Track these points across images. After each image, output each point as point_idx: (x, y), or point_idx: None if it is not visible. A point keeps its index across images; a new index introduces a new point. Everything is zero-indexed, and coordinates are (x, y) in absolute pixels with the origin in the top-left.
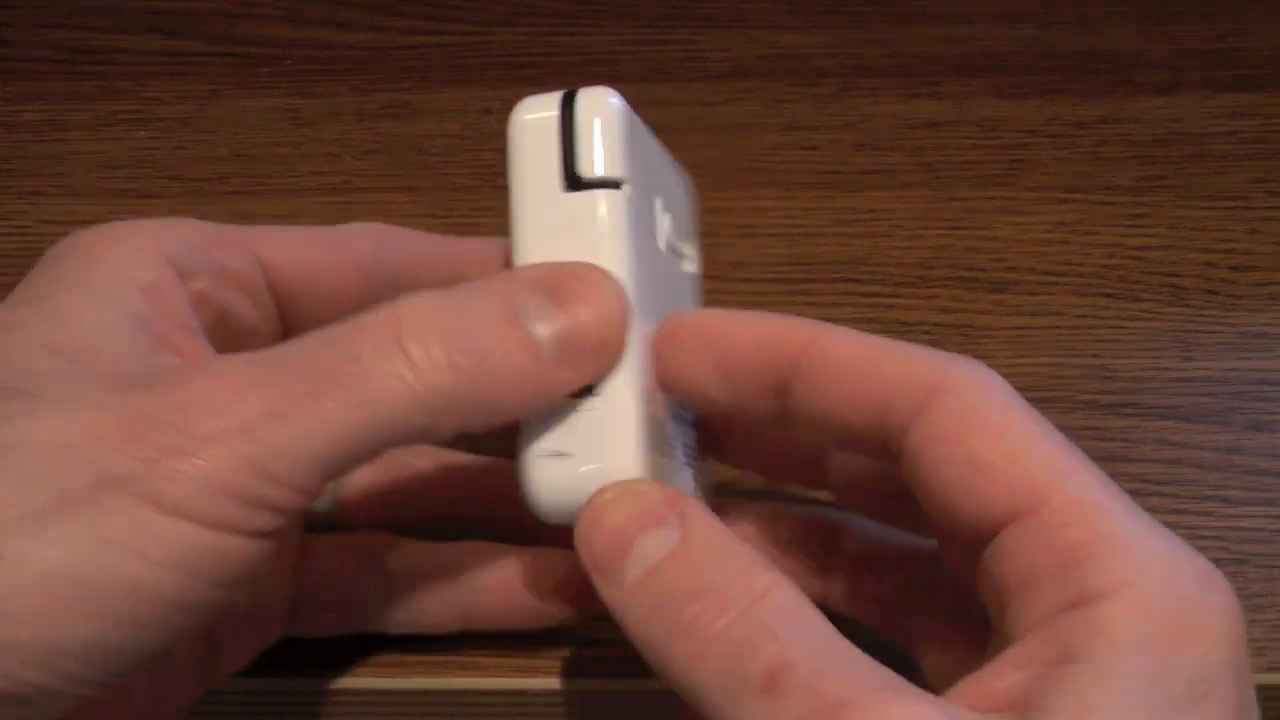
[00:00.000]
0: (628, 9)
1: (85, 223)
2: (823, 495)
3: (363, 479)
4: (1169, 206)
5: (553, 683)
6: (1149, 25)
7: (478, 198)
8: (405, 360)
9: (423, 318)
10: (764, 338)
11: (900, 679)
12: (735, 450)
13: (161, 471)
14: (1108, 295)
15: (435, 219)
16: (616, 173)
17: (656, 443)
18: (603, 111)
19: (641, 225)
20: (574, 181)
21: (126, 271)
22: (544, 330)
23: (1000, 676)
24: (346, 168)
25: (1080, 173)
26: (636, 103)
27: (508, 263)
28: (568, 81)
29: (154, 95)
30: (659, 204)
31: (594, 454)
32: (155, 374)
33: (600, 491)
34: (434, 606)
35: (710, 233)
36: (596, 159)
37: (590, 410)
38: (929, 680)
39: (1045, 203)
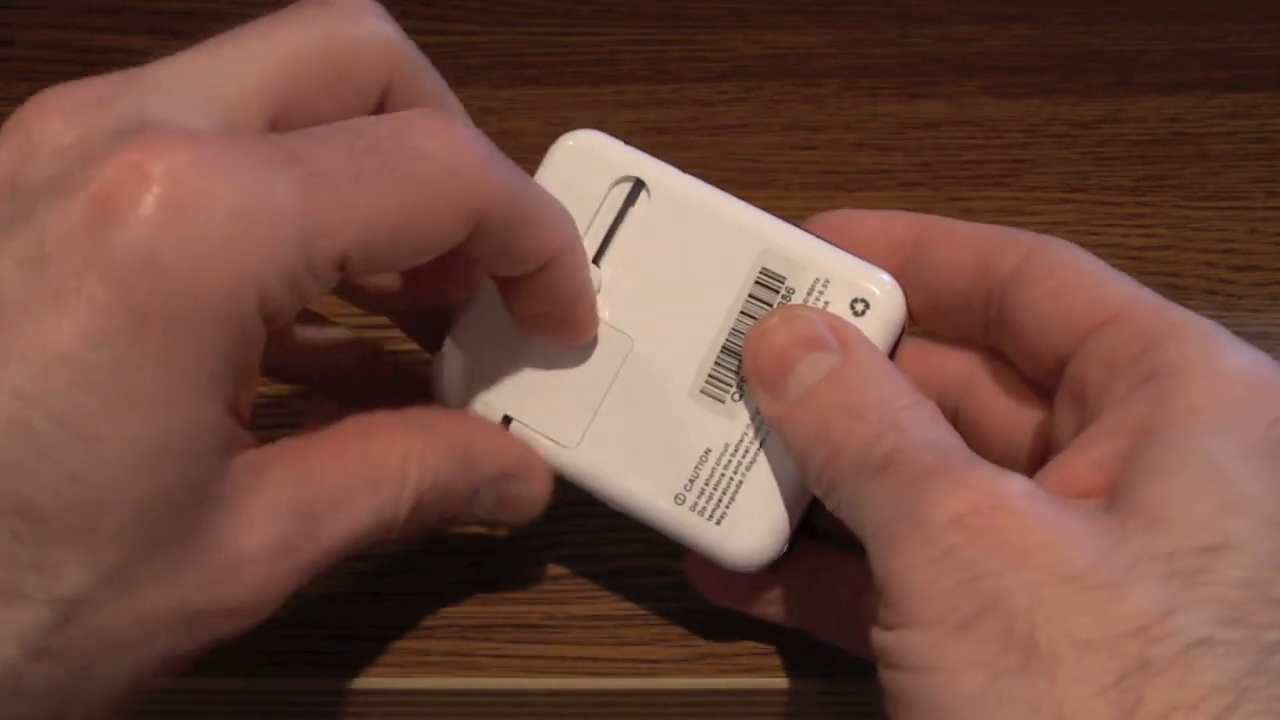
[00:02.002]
0: (628, 9)
1: None
2: None
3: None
4: (1169, 206)
5: (553, 683)
6: (1149, 25)
7: None
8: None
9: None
10: (889, 224)
11: (994, 466)
12: None
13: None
14: None
15: None
16: None
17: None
18: None
19: None
20: None
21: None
22: None
23: (1081, 458)
24: None
25: (1080, 173)
26: (636, 103)
27: None
28: (568, 81)
29: None
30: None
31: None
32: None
33: (770, 314)
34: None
35: None
36: None
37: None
38: None
39: (1045, 203)
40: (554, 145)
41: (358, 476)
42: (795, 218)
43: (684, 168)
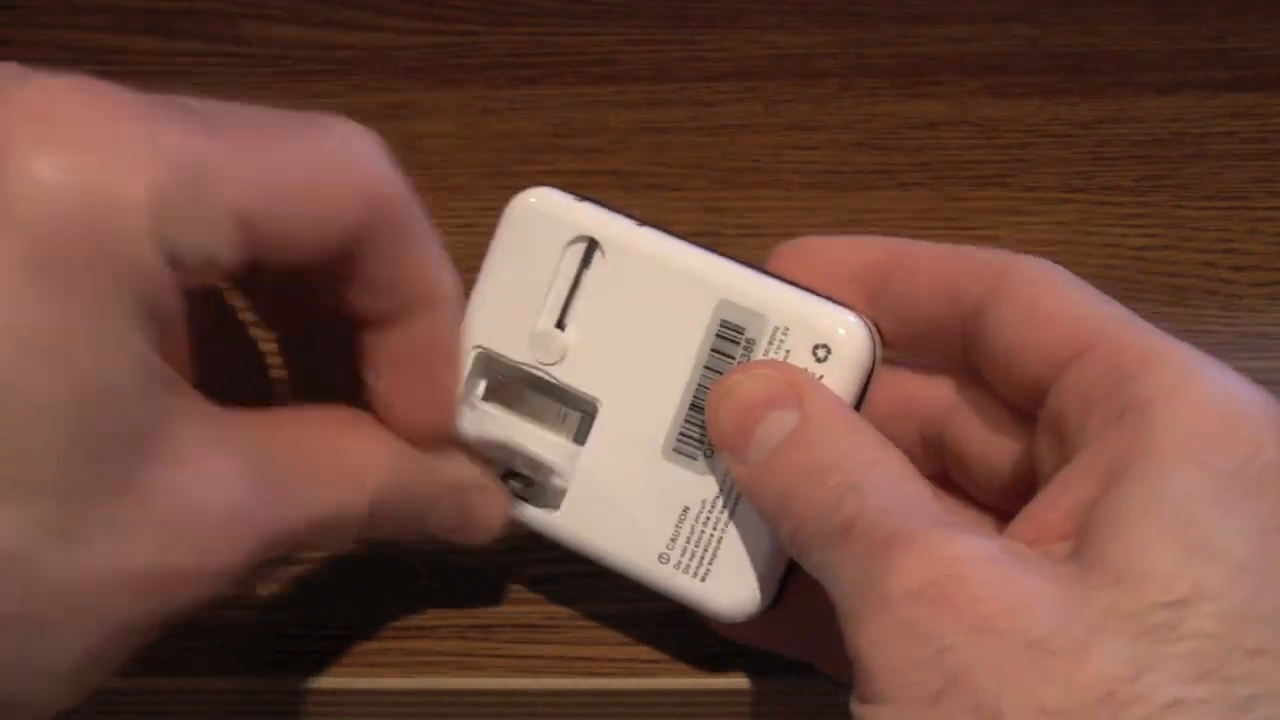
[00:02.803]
0: (628, 9)
1: None
2: None
3: None
4: (1169, 206)
5: (553, 683)
6: (1149, 25)
7: (478, 198)
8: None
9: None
10: (858, 251)
11: (965, 522)
12: None
13: None
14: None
15: (435, 219)
16: None
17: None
18: None
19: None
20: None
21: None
22: None
23: (1055, 504)
24: None
25: (1080, 173)
26: (636, 103)
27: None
28: (568, 81)
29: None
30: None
31: None
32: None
33: (729, 374)
34: None
35: (710, 233)
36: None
37: None
38: None
39: (1045, 203)
40: (506, 208)
41: (326, 461)
42: (795, 218)
43: (640, 216)
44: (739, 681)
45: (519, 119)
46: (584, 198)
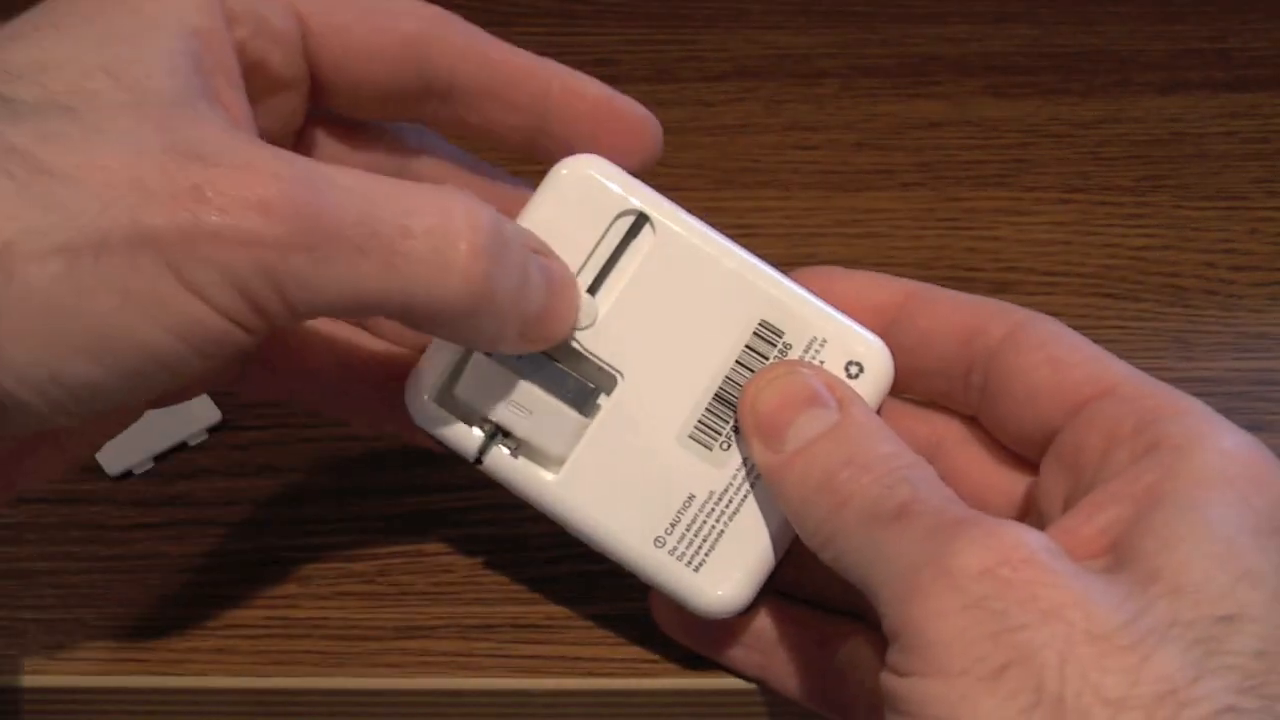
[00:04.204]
0: (628, 9)
1: None
2: None
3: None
4: (1169, 206)
5: (553, 683)
6: (1149, 25)
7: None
8: (457, 260)
9: (481, 232)
10: (875, 287)
11: (1016, 523)
12: None
13: (194, 249)
14: (1108, 295)
15: None
16: None
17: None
18: None
19: None
20: None
21: (181, 6)
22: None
23: (1088, 520)
24: None
25: (1080, 173)
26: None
27: None
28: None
29: None
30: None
31: None
32: (208, 136)
33: (773, 366)
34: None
35: None
36: None
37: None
38: None
39: (1045, 203)
40: (558, 165)
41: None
42: (795, 218)
43: (688, 207)
44: (739, 682)
45: None
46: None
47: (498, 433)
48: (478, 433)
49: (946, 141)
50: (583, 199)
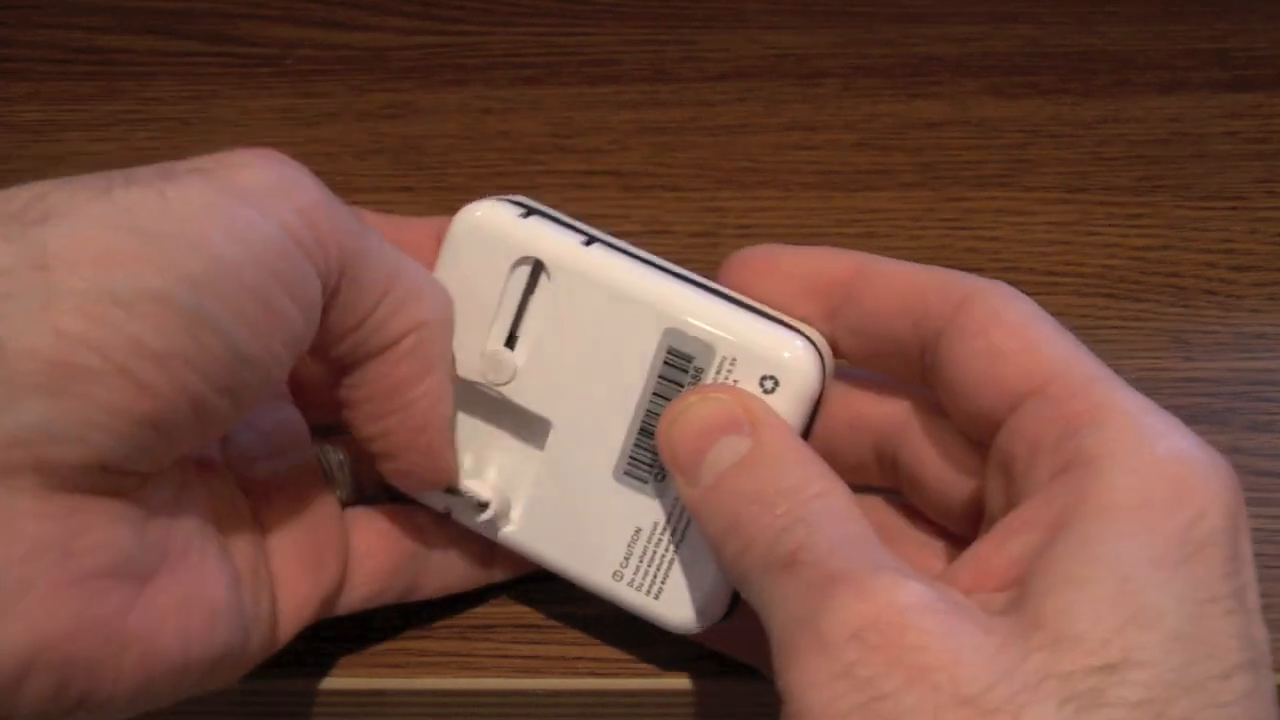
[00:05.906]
0: (628, 9)
1: None
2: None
3: None
4: (1169, 206)
5: (553, 683)
6: (1149, 25)
7: (478, 198)
8: None
9: None
10: (821, 263)
11: (905, 566)
12: None
13: None
14: (1108, 295)
15: None
16: None
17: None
18: None
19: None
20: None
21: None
22: None
23: (999, 549)
24: (346, 168)
25: (1080, 173)
26: (636, 103)
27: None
28: (568, 81)
29: (154, 95)
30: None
31: None
32: None
33: (684, 395)
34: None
35: (710, 233)
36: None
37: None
38: None
39: (1045, 203)
40: (453, 222)
41: None
42: (795, 218)
43: (596, 227)
44: (739, 681)
45: (519, 119)
46: (531, 210)
47: (458, 492)
48: (440, 494)
49: (946, 141)
50: (479, 250)
